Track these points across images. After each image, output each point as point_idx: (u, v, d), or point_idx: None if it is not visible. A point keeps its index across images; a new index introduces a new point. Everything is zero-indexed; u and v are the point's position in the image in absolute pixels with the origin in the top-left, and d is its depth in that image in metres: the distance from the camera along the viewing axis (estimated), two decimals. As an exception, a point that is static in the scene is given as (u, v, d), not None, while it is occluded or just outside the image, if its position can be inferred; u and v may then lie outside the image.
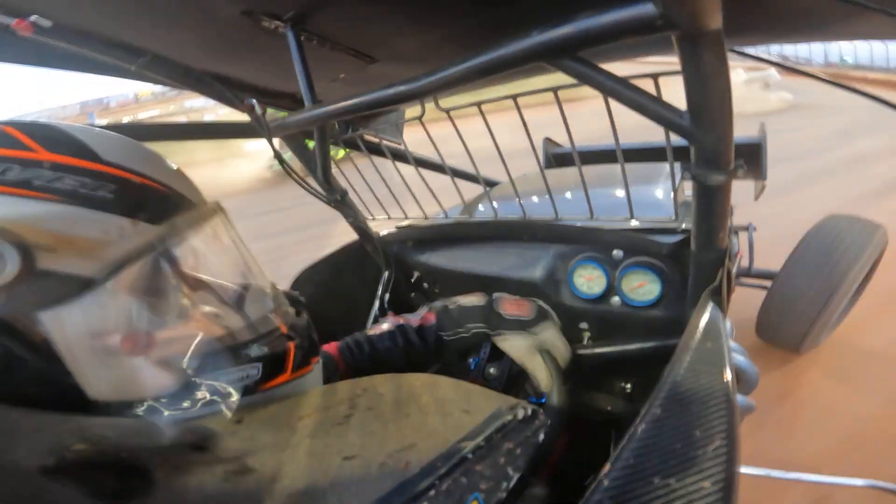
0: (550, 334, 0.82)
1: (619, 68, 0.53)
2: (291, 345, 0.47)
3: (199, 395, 0.39)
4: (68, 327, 0.33)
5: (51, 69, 0.80)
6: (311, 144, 1.05)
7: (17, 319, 0.32)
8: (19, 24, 0.61)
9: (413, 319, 0.88)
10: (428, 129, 0.84)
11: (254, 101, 0.81)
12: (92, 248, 0.34)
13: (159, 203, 0.39)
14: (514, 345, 0.81)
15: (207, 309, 0.43)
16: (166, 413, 0.37)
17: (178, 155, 0.60)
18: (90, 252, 0.34)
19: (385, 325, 0.88)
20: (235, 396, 0.40)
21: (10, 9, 0.62)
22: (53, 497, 0.27)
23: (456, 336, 0.83)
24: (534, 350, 0.80)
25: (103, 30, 0.69)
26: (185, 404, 0.38)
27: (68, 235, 0.33)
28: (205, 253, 0.43)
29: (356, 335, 0.88)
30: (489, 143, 0.80)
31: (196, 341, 0.40)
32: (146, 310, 0.38)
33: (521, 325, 0.81)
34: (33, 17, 0.62)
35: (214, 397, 0.39)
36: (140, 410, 0.36)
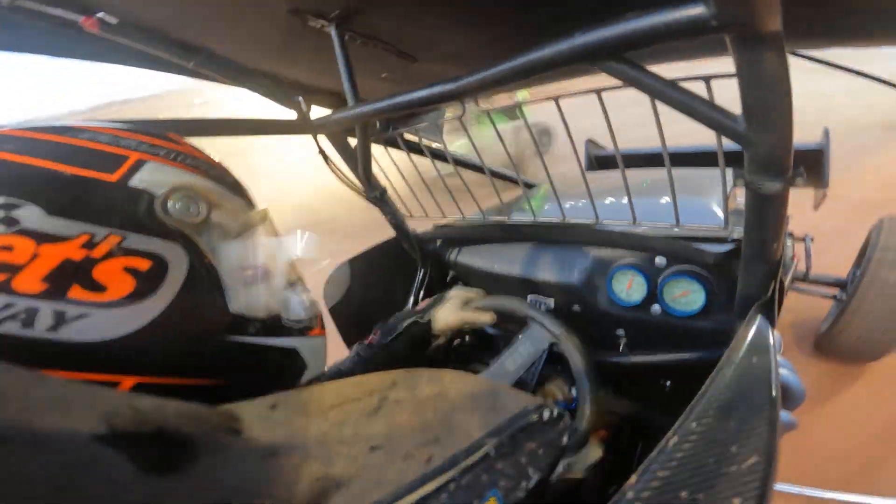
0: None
1: (662, 70, 0.51)
2: (318, 309, 0.63)
3: (292, 320, 0.57)
4: (225, 257, 0.50)
5: (112, 64, 0.86)
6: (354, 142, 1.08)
7: (201, 248, 0.48)
8: (87, 21, 0.66)
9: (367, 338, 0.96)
10: (468, 129, 0.84)
11: (300, 98, 0.84)
12: (232, 213, 0.52)
13: (249, 196, 0.57)
14: (439, 315, 0.93)
15: (280, 267, 0.60)
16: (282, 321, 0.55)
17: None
18: (231, 215, 0.52)
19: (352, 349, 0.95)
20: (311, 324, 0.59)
21: (78, 6, 0.67)
22: (103, 464, 0.29)
23: (394, 336, 0.92)
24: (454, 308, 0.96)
25: (164, 27, 0.74)
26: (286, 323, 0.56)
27: (222, 203, 0.51)
28: (267, 233, 0.60)
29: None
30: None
31: (283, 284, 0.58)
32: (260, 256, 0.55)
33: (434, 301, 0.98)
34: (100, 14, 0.67)
35: (292, 324, 0.57)
36: (256, 324, 0.52)
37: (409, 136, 1.20)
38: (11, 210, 0.38)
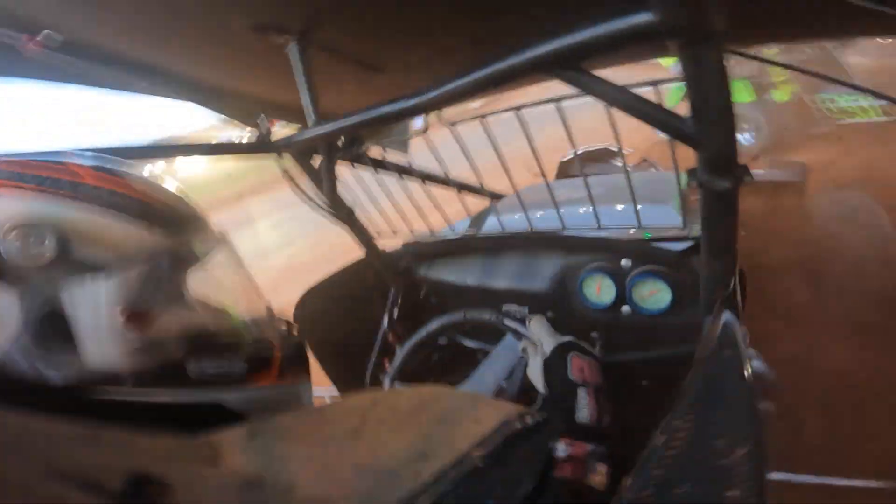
0: None
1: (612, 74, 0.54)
2: (278, 353, 0.55)
3: (189, 373, 0.47)
4: (83, 302, 0.42)
5: (60, 85, 0.81)
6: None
7: (41, 292, 0.41)
8: (29, 40, 0.62)
9: None
10: (432, 143, 0.85)
11: (262, 116, 0.83)
12: (115, 245, 0.44)
13: (173, 223, 0.49)
14: None
15: (203, 310, 0.52)
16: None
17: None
18: (113, 247, 0.44)
19: None
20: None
21: (20, 25, 0.63)
22: (70, 500, 0.27)
23: None
24: None
25: (115, 46, 0.71)
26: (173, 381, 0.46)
27: (95, 231, 0.43)
28: (208, 269, 0.52)
29: None
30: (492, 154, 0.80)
31: (186, 330, 0.48)
32: (148, 296, 0.46)
33: None
34: (44, 34, 0.63)
35: (205, 376, 0.48)
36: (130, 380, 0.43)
37: (373, 153, 1.20)
38: None
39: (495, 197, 1.66)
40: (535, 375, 0.82)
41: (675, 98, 0.86)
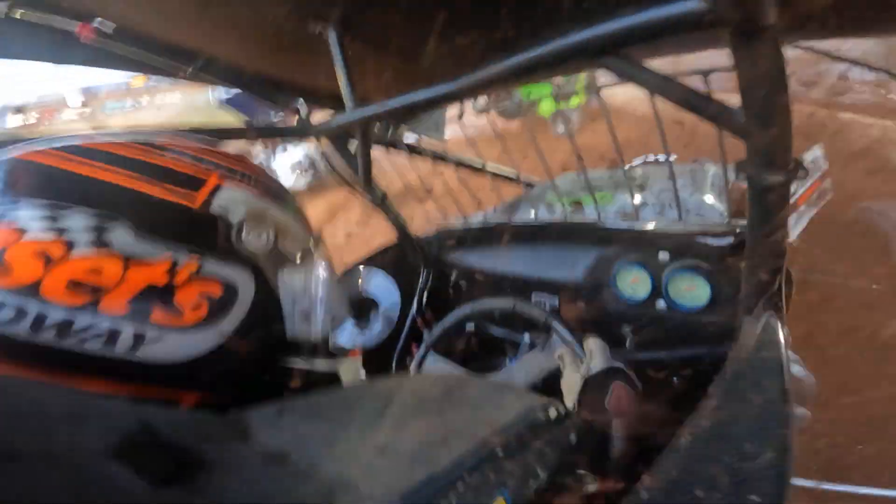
0: None
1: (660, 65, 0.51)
2: None
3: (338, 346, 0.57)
4: (285, 285, 0.51)
5: (111, 70, 0.86)
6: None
7: (266, 275, 0.49)
8: (83, 28, 0.66)
9: None
10: (467, 130, 0.84)
11: (300, 101, 0.84)
12: (294, 240, 0.53)
13: (308, 222, 0.59)
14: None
15: (330, 293, 0.60)
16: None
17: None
18: (294, 243, 0.53)
19: None
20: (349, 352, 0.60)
21: (74, 13, 0.67)
22: (114, 478, 0.29)
23: None
24: None
25: (162, 33, 0.74)
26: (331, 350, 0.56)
27: (286, 230, 0.52)
28: (324, 260, 0.61)
29: None
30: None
31: (329, 311, 0.58)
32: (315, 283, 0.56)
33: None
34: (97, 22, 0.67)
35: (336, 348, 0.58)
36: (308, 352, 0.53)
37: (409, 139, 1.20)
38: (103, 230, 0.39)
39: (530, 185, 1.64)
40: (569, 389, 0.78)
41: (546, 109, 0.83)
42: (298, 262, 0.53)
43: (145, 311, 0.40)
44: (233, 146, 0.96)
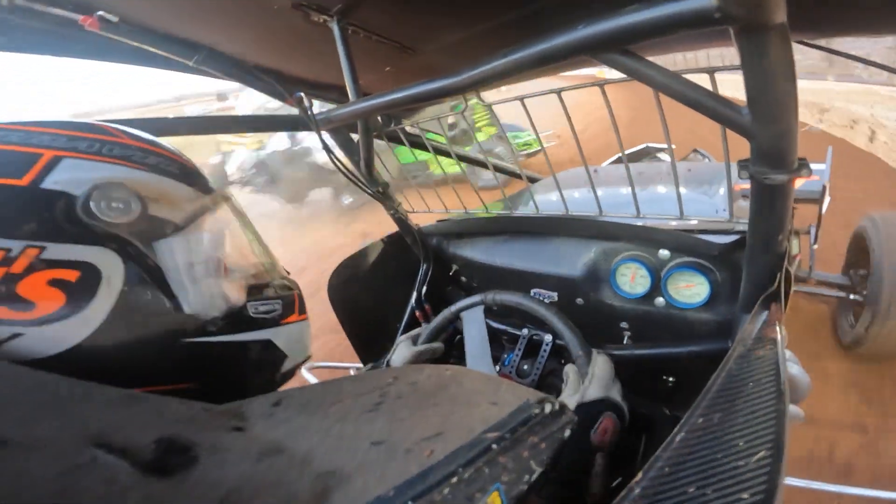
0: None
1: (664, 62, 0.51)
2: (295, 293, 0.61)
3: (252, 314, 0.53)
4: (169, 255, 0.46)
5: (113, 63, 0.86)
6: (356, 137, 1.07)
7: (139, 248, 0.44)
8: (87, 19, 0.66)
9: None
10: (471, 124, 0.83)
11: (301, 94, 0.84)
12: (175, 204, 0.48)
13: (201, 180, 0.53)
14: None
15: (244, 253, 0.58)
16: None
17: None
18: (175, 206, 0.48)
19: None
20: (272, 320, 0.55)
21: (78, 5, 0.67)
22: (102, 466, 0.29)
23: None
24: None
25: (164, 25, 0.73)
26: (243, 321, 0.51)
27: (161, 194, 0.47)
28: (230, 220, 0.57)
29: None
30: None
31: (244, 275, 0.54)
32: (214, 248, 0.51)
33: None
34: (100, 13, 0.67)
35: (261, 315, 0.53)
36: (215, 324, 0.48)
37: (411, 131, 1.20)
38: None
39: (532, 179, 1.64)
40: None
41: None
42: (183, 225, 0.47)
43: None
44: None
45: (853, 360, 1.85)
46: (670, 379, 0.99)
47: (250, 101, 5.39)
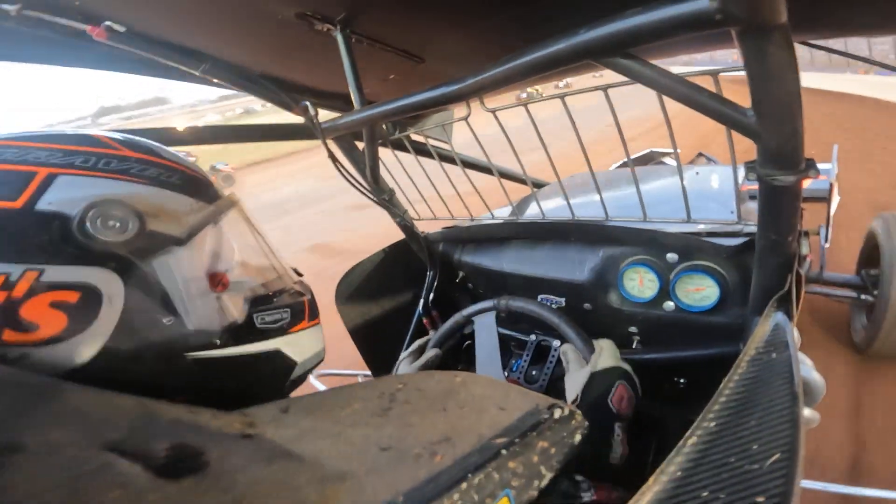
0: None
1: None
2: (305, 299, 0.60)
3: (258, 325, 0.52)
4: (170, 271, 0.45)
5: (121, 73, 0.87)
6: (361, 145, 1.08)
7: (138, 266, 0.43)
8: (94, 29, 0.67)
9: None
10: (474, 130, 0.84)
11: (307, 103, 0.85)
12: (175, 217, 0.47)
13: (206, 189, 0.52)
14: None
15: (250, 264, 0.56)
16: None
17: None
18: (175, 220, 0.47)
19: None
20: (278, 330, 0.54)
21: (85, 15, 0.68)
22: (116, 471, 0.29)
23: None
24: None
25: (171, 35, 0.74)
26: (249, 335, 0.51)
27: (160, 208, 0.45)
28: (236, 228, 0.56)
29: None
30: (538, 142, 0.78)
31: (249, 286, 0.54)
32: (217, 260, 0.51)
33: None
34: (107, 23, 0.68)
35: (268, 326, 0.53)
36: (220, 338, 0.48)
37: (416, 138, 1.21)
38: None
39: (537, 185, 1.64)
40: (573, 384, 0.79)
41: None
42: (185, 239, 0.46)
43: None
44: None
45: (864, 360, 1.82)
46: (681, 381, 0.98)
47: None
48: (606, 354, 0.79)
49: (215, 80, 0.84)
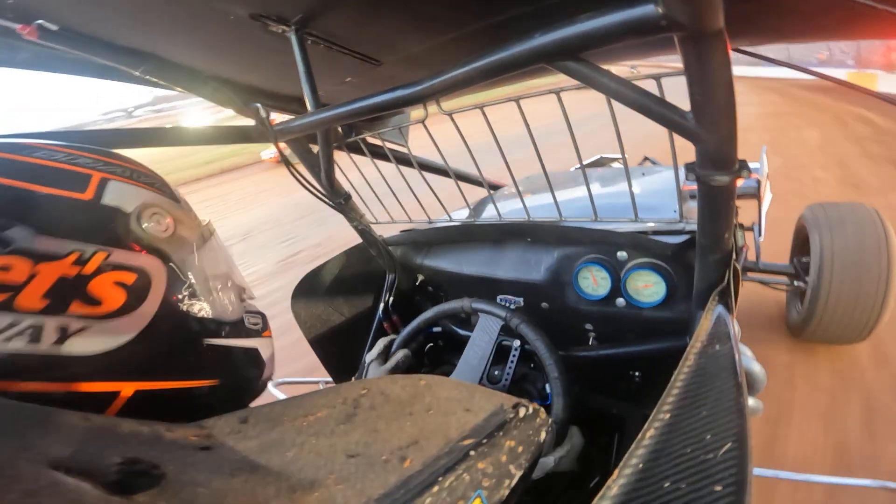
0: None
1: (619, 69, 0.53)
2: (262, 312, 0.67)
3: (247, 325, 0.60)
4: (195, 267, 0.53)
5: (56, 73, 0.81)
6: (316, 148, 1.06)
7: (174, 260, 0.51)
8: (24, 28, 0.62)
9: None
10: (431, 133, 0.84)
11: (259, 105, 0.82)
12: (189, 226, 0.55)
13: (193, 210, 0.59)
14: None
15: (236, 271, 0.64)
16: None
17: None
18: (190, 228, 0.55)
19: None
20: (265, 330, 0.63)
21: (16, 13, 0.63)
22: (66, 489, 0.27)
23: None
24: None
25: (109, 34, 0.70)
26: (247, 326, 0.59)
27: (180, 217, 0.53)
28: (217, 244, 0.62)
29: None
30: (493, 144, 0.80)
31: (241, 287, 0.62)
32: (222, 262, 0.60)
33: None
34: (38, 23, 0.63)
35: (251, 326, 0.61)
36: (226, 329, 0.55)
37: (373, 141, 1.19)
38: (2, 231, 0.39)
39: (494, 187, 1.66)
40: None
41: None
42: (198, 244, 0.55)
43: (63, 304, 0.41)
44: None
45: (798, 345, 1.96)
46: (636, 375, 1.02)
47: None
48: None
49: (158, 81, 0.80)
